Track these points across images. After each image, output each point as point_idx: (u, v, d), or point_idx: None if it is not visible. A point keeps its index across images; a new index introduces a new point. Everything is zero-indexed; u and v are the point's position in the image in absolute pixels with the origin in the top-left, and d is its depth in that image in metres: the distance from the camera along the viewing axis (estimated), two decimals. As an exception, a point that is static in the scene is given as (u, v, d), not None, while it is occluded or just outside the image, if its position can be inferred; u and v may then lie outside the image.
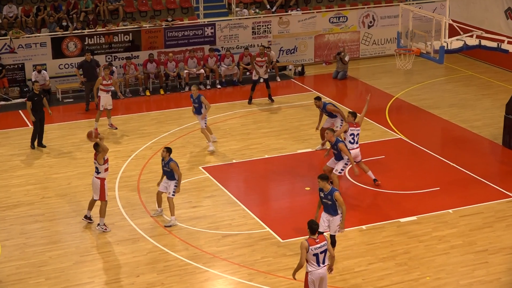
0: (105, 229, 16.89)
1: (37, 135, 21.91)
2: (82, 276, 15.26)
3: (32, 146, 21.83)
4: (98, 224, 16.94)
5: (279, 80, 28.08)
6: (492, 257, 15.85)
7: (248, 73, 27.88)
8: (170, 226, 17.08)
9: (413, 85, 27.55)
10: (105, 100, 22.84)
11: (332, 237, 15.23)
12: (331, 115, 20.53)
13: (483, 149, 21.68)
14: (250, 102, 25.39)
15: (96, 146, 16.76)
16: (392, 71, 28.51)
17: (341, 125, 20.01)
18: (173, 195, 17.08)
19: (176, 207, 17.48)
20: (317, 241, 12.77)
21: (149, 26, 27.56)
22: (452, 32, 21.73)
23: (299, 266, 12.98)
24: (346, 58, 28.35)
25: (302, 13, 29.84)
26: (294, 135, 22.52)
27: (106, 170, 16.84)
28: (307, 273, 12.93)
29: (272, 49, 28.29)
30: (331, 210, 15.01)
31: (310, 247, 12.72)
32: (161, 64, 26.97)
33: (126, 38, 27.15)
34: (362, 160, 19.09)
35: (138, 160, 20.92)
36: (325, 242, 12.85)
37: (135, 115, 24.53)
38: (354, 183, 19.10)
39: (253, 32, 28.76)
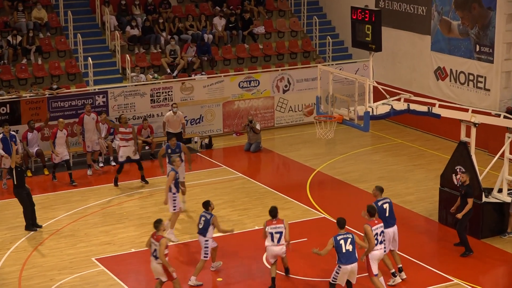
0: None
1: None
2: None
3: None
4: None
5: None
6: None
7: (147, 148, 27.70)
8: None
9: (336, 156, 27.81)
10: None
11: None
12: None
13: (417, 228, 21.86)
14: (116, 184, 25.05)
15: None
16: (312, 141, 28.74)
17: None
18: (205, 257, 18.26)
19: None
20: (274, 222, 17.67)
21: (29, 96, 27.13)
22: (378, 96, 22.04)
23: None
24: (258, 127, 28.44)
25: (208, 77, 29.96)
26: (202, 217, 22.33)
27: None
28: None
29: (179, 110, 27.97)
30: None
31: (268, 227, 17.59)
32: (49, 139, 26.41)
33: (3, 110, 26.62)
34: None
35: (18, 253, 20.30)
36: (282, 225, 17.81)
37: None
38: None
39: (151, 100, 28.62)
